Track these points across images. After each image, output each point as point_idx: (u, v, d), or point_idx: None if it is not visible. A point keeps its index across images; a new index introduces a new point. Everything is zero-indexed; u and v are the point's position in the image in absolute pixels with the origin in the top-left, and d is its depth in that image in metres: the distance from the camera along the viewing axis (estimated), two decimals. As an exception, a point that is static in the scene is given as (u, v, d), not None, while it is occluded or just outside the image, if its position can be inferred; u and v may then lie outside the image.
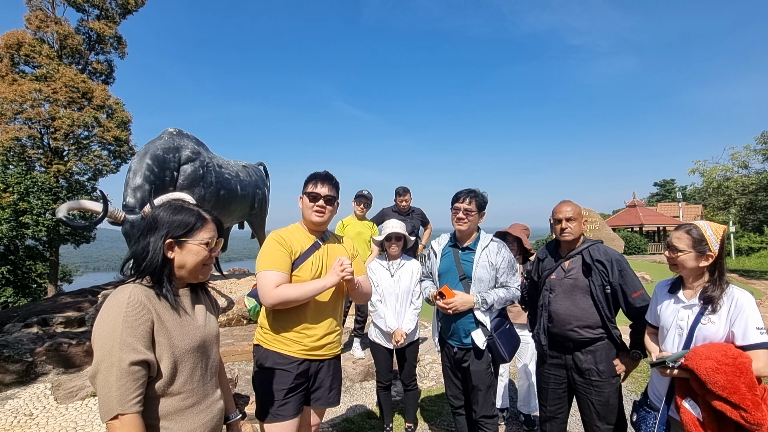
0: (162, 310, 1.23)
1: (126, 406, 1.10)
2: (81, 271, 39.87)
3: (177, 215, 1.30)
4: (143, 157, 4.94)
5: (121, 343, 1.11)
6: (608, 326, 2.24)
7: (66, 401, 3.52)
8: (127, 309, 1.15)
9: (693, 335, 1.77)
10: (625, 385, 2.69)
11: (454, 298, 2.39)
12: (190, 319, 1.31)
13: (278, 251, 1.93)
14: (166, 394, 1.22)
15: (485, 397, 2.46)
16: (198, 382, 1.30)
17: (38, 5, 16.76)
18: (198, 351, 1.30)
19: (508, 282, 2.49)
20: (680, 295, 1.86)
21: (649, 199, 47.50)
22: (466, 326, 2.47)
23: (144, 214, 4.65)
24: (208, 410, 1.32)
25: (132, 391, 1.11)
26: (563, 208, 2.36)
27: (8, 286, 17.22)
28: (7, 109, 15.29)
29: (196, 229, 1.31)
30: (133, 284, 1.22)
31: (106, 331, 1.14)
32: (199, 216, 1.33)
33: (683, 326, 1.81)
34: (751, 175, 15.22)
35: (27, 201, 15.11)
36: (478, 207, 2.49)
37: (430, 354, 5.36)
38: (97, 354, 1.13)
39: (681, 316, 1.83)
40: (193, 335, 1.29)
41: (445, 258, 2.61)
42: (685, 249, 1.80)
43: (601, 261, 2.25)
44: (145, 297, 1.20)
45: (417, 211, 5.05)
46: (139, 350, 1.13)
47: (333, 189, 2.06)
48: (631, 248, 24.21)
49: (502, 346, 2.41)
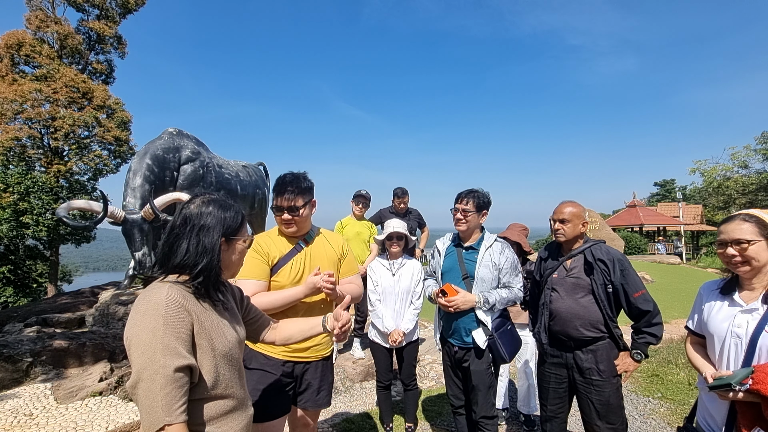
0: (200, 311, 1.16)
1: (173, 415, 1.02)
2: (81, 271, 39.90)
3: (227, 212, 1.25)
4: (143, 157, 4.94)
5: (164, 348, 1.03)
6: (609, 325, 2.24)
7: (66, 401, 3.52)
8: (167, 311, 1.07)
9: (756, 346, 1.46)
10: (626, 385, 2.68)
11: (456, 296, 2.39)
12: (227, 320, 1.27)
13: (254, 259, 1.90)
14: (209, 399, 1.16)
15: (485, 397, 2.45)
16: (237, 384, 1.25)
17: (38, 5, 16.78)
18: (235, 352, 1.26)
19: (510, 282, 2.49)
20: (736, 297, 1.55)
21: (649, 199, 47.50)
22: (467, 325, 2.47)
23: (144, 214, 4.65)
24: (245, 414, 1.28)
25: (178, 399, 1.04)
26: (559, 209, 2.38)
27: (8, 285, 17.22)
28: (7, 109, 15.31)
29: (242, 227, 1.30)
30: (168, 284, 1.14)
31: (146, 336, 1.04)
32: (243, 214, 1.32)
33: (741, 335, 1.50)
34: (751, 174, 15.23)
35: (27, 201, 15.13)
36: (477, 207, 2.49)
37: (430, 354, 5.36)
38: (138, 361, 1.03)
39: (738, 322, 1.51)
40: (231, 336, 1.25)
41: (449, 257, 2.62)
42: (753, 239, 1.47)
43: (603, 260, 2.25)
44: (182, 298, 1.13)
45: (414, 212, 5.02)
46: (183, 355, 1.06)
47: (295, 198, 1.91)
48: (631, 248, 24.20)
49: (502, 347, 2.41)
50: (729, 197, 15.68)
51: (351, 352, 4.78)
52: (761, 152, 14.93)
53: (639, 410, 3.69)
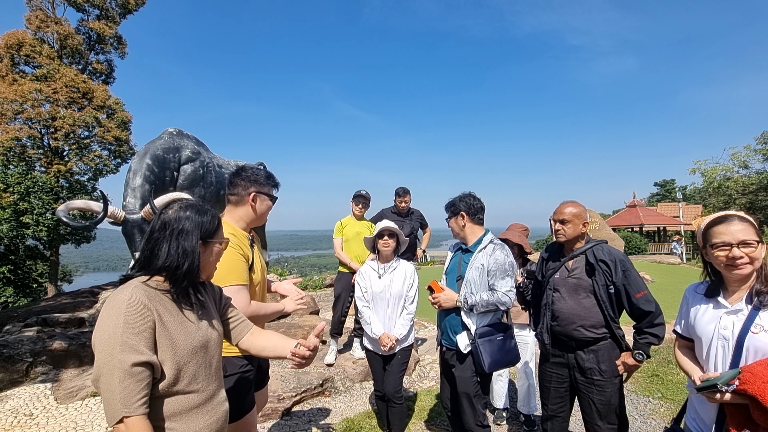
0: (163, 310, 1.22)
1: (131, 408, 1.08)
2: (81, 271, 39.91)
3: (204, 216, 1.33)
4: (143, 157, 4.94)
5: (122, 344, 1.10)
6: (611, 326, 2.24)
7: (66, 401, 3.52)
8: (128, 309, 1.13)
9: (742, 347, 1.45)
10: (626, 385, 2.68)
11: (440, 293, 2.50)
12: (195, 318, 1.31)
13: (242, 263, 1.89)
14: (170, 395, 1.21)
15: (471, 406, 2.43)
16: (202, 383, 1.29)
17: (38, 5, 16.78)
18: (201, 351, 1.29)
19: (495, 285, 2.44)
20: (721, 299, 1.55)
21: (649, 199, 47.49)
22: (453, 327, 2.52)
23: (144, 214, 4.65)
24: (213, 411, 1.32)
25: (136, 393, 1.09)
26: (560, 210, 2.38)
27: (8, 286, 17.21)
28: (7, 109, 15.31)
29: (218, 229, 1.38)
30: (133, 285, 1.21)
31: (106, 333, 1.12)
32: (217, 216, 1.39)
33: (728, 336, 1.49)
34: (752, 175, 15.22)
35: (27, 201, 15.13)
36: (451, 213, 2.61)
37: (430, 354, 5.36)
38: (99, 357, 1.12)
39: (724, 324, 1.51)
40: (196, 335, 1.28)
41: (453, 259, 2.72)
42: (754, 240, 1.44)
43: (605, 261, 2.25)
44: (146, 297, 1.18)
45: (416, 213, 4.97)
46: (141, 351, 1.12)
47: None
48: (632, 248, 24.20)
49: (483, 354, 2.36)
50: (729, 197, 15.66)
51: (351, 352, 4.77)
52: (761, 152, 14.92)
53: (639, 410, 3.69)
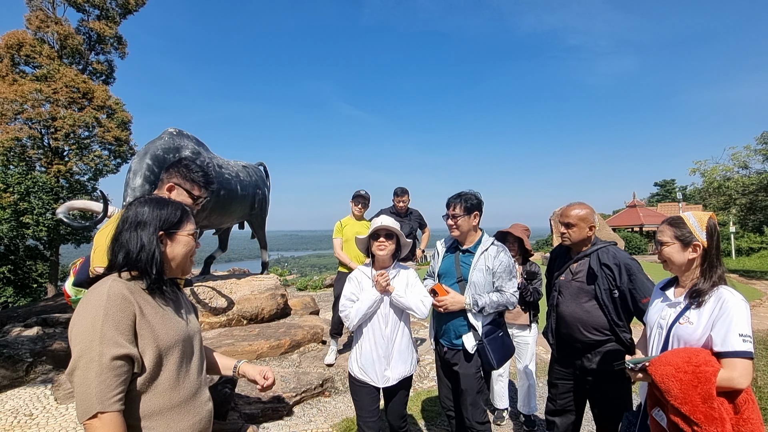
0: (144, 303, 1.19)
1: (106, 404, 1.03)
2: (81, 271, 39.74)
3: (163, 209, 1.30)
4: (143, 157, 4.94)
5: (101, 337, 1.05)
6: (616, 330, 2.21)
7: (66, 401, 3.52)
8: (108, 302, 1.10)
9: (671, 334, 1.63)
10: (634, 388, 2.68)
11: (445, 296, 2.40)
12: (173, 313, 1.29)
13: None
14: (149, 392, 1.16)
15: (474, 402, 2.43)
16: (184, 379, 1.25)
17: (38, 5, 16.75)
18: (183, 345, 1.27)
19: (503, 287, 2.44)
20: (669, 293, 1.74)
21: (649, 199, 47.45)
22: (457, 328, 2.47)
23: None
24: (195, 411, 1.27)
25: (113, 388, 1.05)
26: (565, 212, 2.35)
27: (8, 286, 17.22)
28: (7, 110, 15.29)
29: (183, 220, 1.33)
30: (112, 278, 1.18)
31: (85, 326, 1.07)
32: (182, 208, 1.35)
33: (664, 325, 1.67)
34: (752, 175, 15.18)
35: (27, 201, 15.11)
36: (466, 210, 2.45)
37: (430, 354, 5.35)
38: (76, 349, 1.06)
39: (664, 314, 1.70)
40: (177, 329, 1.26)
41: (446, 259, 2.62)
42: (668, 241, 1.69)
43: (609, 265, 2.21)
44: (127, 290, 1.15)
45: (415, 213, 4.95)
46: (121, 344, 1.08)
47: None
48: (632, 248, 24.20)
49: (491, 353, 2.37)
50: (729, 198, 15.64)
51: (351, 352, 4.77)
52: (761, 152, 14.89)
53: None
